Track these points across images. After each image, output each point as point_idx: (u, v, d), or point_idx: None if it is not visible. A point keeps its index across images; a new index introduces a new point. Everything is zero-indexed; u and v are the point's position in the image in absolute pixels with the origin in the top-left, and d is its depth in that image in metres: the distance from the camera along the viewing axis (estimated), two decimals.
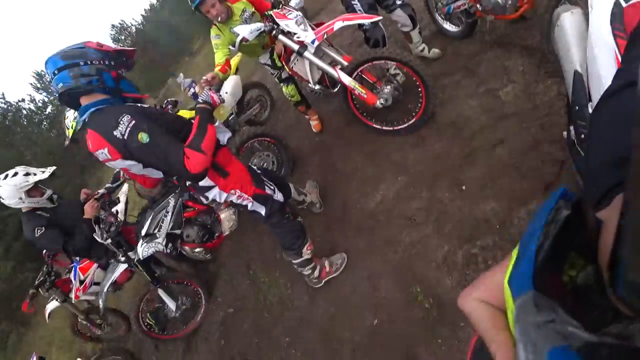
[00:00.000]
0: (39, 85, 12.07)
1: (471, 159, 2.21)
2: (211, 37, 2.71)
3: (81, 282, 3.32)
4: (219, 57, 2.64)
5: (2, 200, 2.57)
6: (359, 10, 2.45)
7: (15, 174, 2.60)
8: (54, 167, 2.82)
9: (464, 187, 2.13)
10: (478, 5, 2.39)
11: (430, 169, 2.34)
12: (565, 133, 1.46)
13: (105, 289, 2.76)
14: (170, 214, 2.76)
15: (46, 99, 12.04)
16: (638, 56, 0.45)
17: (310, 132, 3.37)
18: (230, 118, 3.50)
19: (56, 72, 1.51)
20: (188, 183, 1.84)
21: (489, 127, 2.23)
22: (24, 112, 11.24)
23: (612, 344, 0.20)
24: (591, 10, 1.15)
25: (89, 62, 1.54)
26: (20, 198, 2.55)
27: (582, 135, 1.25)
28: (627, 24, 1.02)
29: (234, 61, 3.74)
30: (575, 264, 0.26)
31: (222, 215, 2.75)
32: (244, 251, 3.15)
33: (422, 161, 2.42)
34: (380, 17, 2.23)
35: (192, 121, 1.70)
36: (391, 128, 2.65)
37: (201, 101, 1.76)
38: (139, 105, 1.73)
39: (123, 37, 15.58)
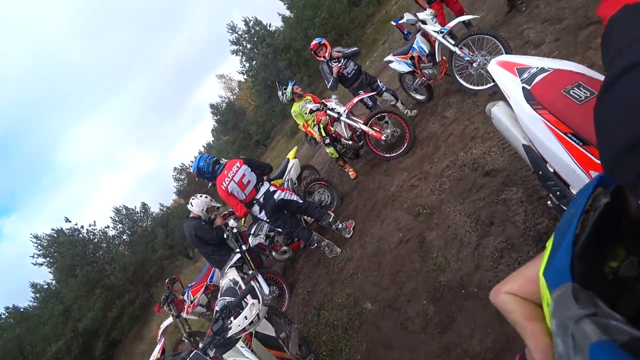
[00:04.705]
0: (116, 219, 15.26)
1: (438, 148, 3.99)
2: (292, 112, 5.24)
3: (191, 301, 4.78)
4: (300, 121, 4.98)
5: (191, 207, 4.41)
6: (366, 97, 4.74)
7: (207, 197, 4.54)
8: (220, 205, 4.75)
9: (435, 160, 3.85)
10: (424, 78, 4.60)
11: (419, 162, 4.10)
12: (549, 202, 1.75)
13: (226, 268, 4.23)
14: (266, 223, 4.46)
15: (124, 227, 15.08)
16: (621, 50, 0.46)
17: (350, 180, 5.25)
18: (294, 186, 5.49)
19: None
20: None
21: (444, 132, 4.09)
22: (108, 235, 14.20)
23: None
24: (510, 99, 1.42)
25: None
26: (202, 209, 4.41)
27: (557, 193, 1.39)
28: (539, 99, 1.28)
29: (292, 151, 5.99)
30: (616, 255, 0.24)
31: None
32: (314, 254, 4.61)
33: (415, 161, 4.20)
34: (375, 93, 4.47)
35: None
36: (395, 154, 4.53)
37: None
38: None
39: (183, 177, 19.84)
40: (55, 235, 13.43)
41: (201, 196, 4.58)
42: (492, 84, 3.93)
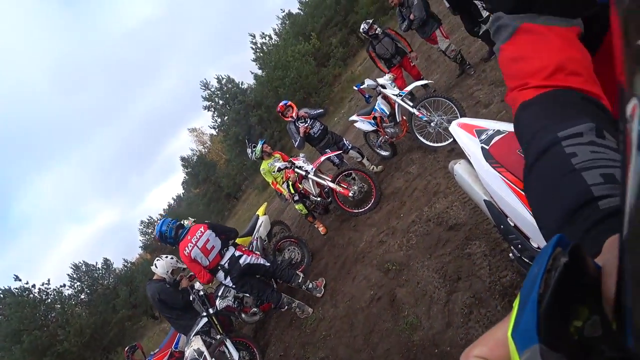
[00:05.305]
0: (74, 276, 14.01)
1: (403, 204, 4.11)
2: (261, 170, 5.28)
3: None
4: (269, 178, 4.96)
5: (155, 269, 4.16)
6: (333, 156, 4.90)
7: (172, 258, 4.32)
8: (185, 269, 4.54)
9: (402, 215, 3.95)
10: (387, 137, 4.85)
11: (386, 217, 4.19)
12: (511, 255, 1.78)
13: (192, 334, 3.95)
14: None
15: (83, 286, 13.78)
16: (530, 139, 0.52)
17: (320, 235, 5.23)
18: (264, 243, 5.40)
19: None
20: None
21: (409, 187, 4.25)
22: (63, 295, 12.79)
23: None
24: (471, 158, 1.50)
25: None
26: (167, 271, 4.18)
27: (519, 246, 1.43)
28: (497, 158, 1.37)
29: (262, 207, 5.96)
30: (580, 314, 0.24)
31: None
32: (286, 314, 4.43)
33: (382, 216, 4.29)
34: (341, 151, 4.64)
35: None
36: (362, 210, 4.61)
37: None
38: None
39: (150, 230, 18.97)
40: (2, 295, 12.12)
41: (166, 257, 4.40)
42: (450, 141, 4.21)
